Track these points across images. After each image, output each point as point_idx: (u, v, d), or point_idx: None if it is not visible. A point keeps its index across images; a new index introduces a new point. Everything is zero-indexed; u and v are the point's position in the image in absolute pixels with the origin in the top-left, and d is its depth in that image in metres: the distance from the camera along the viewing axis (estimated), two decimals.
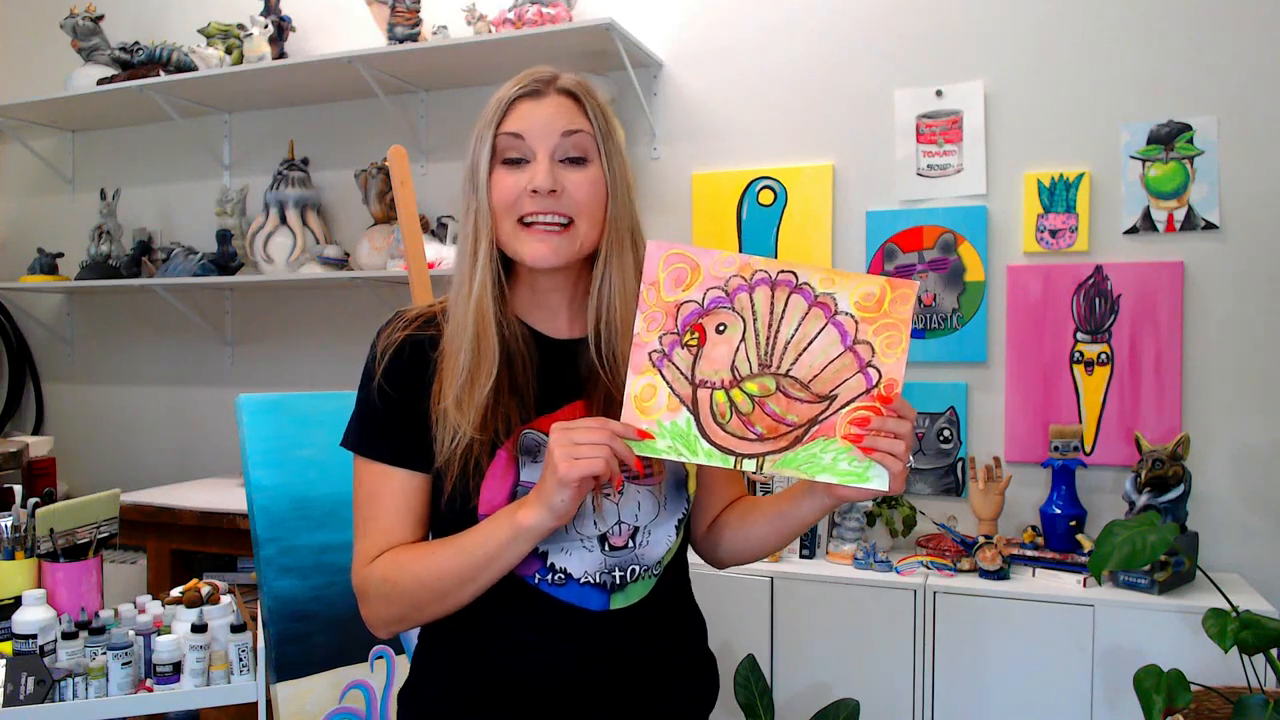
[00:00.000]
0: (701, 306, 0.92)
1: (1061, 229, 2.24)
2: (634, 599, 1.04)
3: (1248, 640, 1.44)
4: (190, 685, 1.54)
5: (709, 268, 0.92)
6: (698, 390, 0.93)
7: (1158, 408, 2.16)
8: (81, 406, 3.42)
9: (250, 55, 2.77)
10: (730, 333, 0.92)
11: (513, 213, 1.02)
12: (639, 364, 0.93)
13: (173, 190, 3.26)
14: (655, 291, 0.92)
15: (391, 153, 1.82)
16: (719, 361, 0.93)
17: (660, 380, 0.92)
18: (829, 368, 0.93)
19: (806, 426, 0.93)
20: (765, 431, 0.93)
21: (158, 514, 2.56)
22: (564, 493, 0.91)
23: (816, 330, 0.93)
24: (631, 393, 0.93)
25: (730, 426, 0.93)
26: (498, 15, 2.54)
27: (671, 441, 0.92)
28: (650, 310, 0.92)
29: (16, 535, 1.67)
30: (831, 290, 0.92)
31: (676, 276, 0.92)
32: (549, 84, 1.05)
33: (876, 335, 0.93)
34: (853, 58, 2.43)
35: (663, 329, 0.92)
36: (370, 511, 1.05)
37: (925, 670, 2.00)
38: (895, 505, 2.28)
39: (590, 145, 1.04)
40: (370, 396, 1.05)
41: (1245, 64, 2.12)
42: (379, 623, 1.05)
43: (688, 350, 0.92)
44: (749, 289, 0.92)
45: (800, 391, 0.93)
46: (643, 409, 0.92)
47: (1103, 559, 1.51)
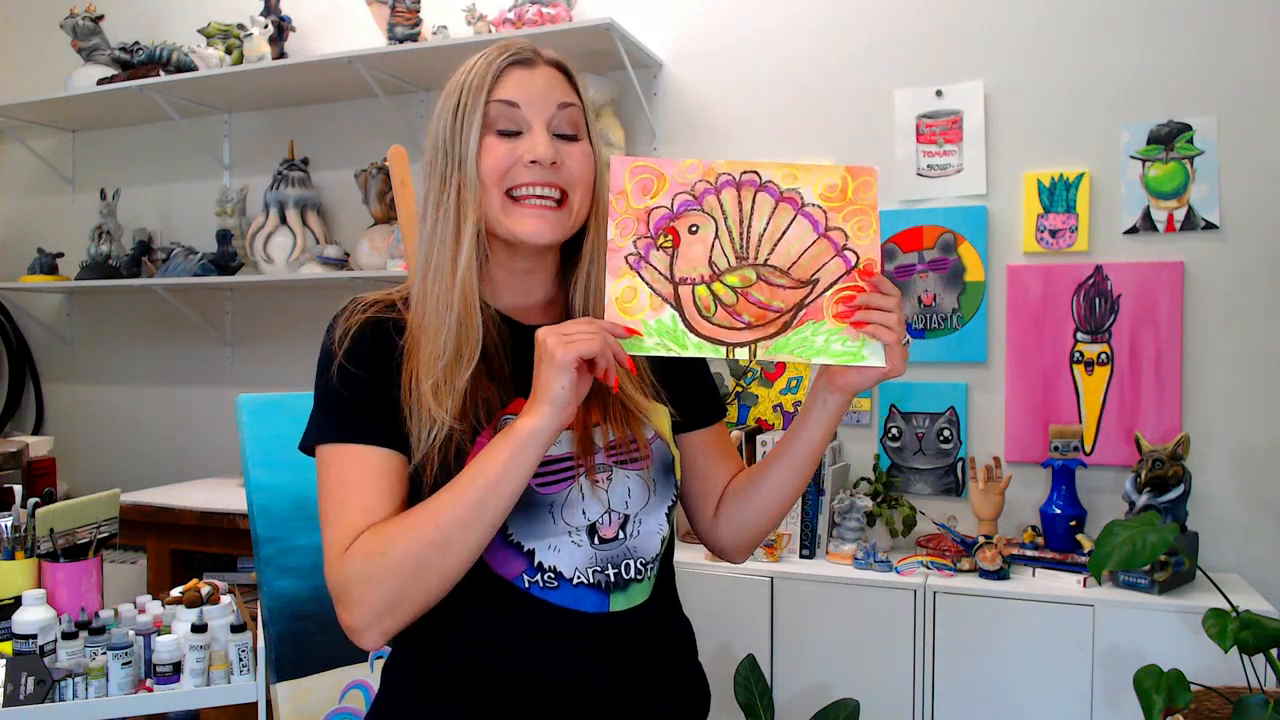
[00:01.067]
0: (671, 211, 0.93)
1: (1061, 229, 2.24)
2: (636, 600, 0.99)
3: (1248, 640, 1.44)
4: (190, 685, 1.54)
5: (674, 175, 0.93)
6: (678, 287, 0.93)
7: (1158, 408, 2.16)
8: (81, 406, 3.42)
9: (250, 55, 2.77)
10: (703, 232, 0.93)
11: (502, 184, 0.97)
12: (616, 268, 0.92)
13: (173, 190, 3.26)
14: (624, 200, 0.93)
15: (391, 153, 1.82)
16: (696, 259, 0.93)
17: (639, 281, 0.92)
18: (806, 254, 0.93)
19: (794, 311, 0.93)
20: (753, 319, 0.93)
21: (158, 514, 2.56)
22: (563, 377, 0.86)
23: (788, 222, 0.93)
24: (612, 296, 0.92)
25: (716, 319, 0.92)
26: (498, 15, 2.55)
27: (659, 338, 0.92)
28: (621, 217, 0.93)
29: (16, 535, 1.67)
30: (795, 185, 0.93)
31: (643, 186, 0.93)
32: (537, 54, 1.01)
33: (846, 221, 0.93)
34: (853, 58, 2.43)
35: (635, 234, 0.92)
36: (342, 496, 0.93)
37: (925, 670, 2.00)
38: (895, 505, 2.28)
39: (580, 120, 1.01)
40: (331, 383, 0.96)
41: (1245, 64, 2.12)
42: (365, 617, 0.89)
43: (663, 251, 0.93)
44: (715, 191, 0.93)
45: (781, 278, 0.93)
46: (625, 310, 0.92)
47: (1103, 559, 1.51)
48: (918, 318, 2.35)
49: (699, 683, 1.11)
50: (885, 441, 2.38)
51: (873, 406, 2.40)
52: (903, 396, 2.36)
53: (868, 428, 2.41)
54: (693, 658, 1.12)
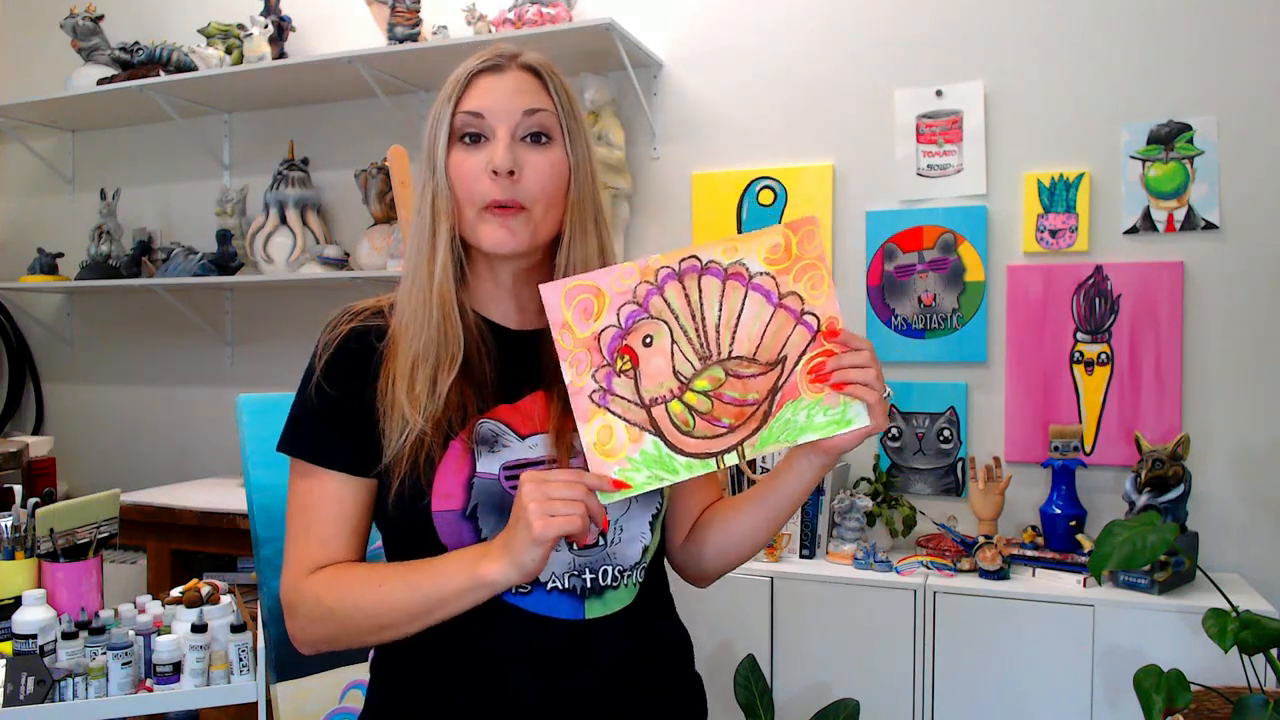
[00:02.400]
0: (621, 327, 0.89)
1: (1061, 229, 2.24)
2: (614, 608, 0.97)
3: (1248, 640, 1.44)
4: (190, 685, 1.54)
5: (610, 287, 0.89)
6: (651, 410, 0.89)
7: (1158, 408, 2.16)
8: (81, 406, 3.42)
9: (250, 55, 2.77)
10: (659, 341, 0.89)
11: (474, 199, 0.96)
12: (584, 410, 0.89)
13: (173, 190, 3.26)
14: (569, 333, 0.89)
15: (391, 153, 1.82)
16: (660, 373, 0.89)
17: (611, 417, 0.89)
18: (767, 332, 0.90)
19: (770, 398, 0.90)
20: (733, 420, 0.90)
21: (158, 514, 2.56)
22: (535, 551, 0.85)
23: (740, 301, 0.90)
24: (589, 442, 0.88)
25: (697, 431, 0.89)
26: (498, 15, 2.55)
27: (649, 470, 0.88)
28: (572, 353, 0.89)
29: (16, 535, 1.67)
30: (738, 258, 0.90)
31: (583, 308, 0.89)
32: (511, 59, 0.99)
33: (798, 282, 0.90)
34: (853, 58, 2.43)
35: (592, 366, 0.88)
36: (304, 520, 0.98)
37: (925, 670, 2.00)
38: (895, 505, 2.28)
39: (553, 124, 0.98)
40: (308, 395, 0.99)
41: (1245, 64, 2.12)
42: (305, 641, 0.98)
43: (625, 376, 0.89)
44: (659, 290, 0.89)
45: (750, 367, 0.90)
46: (605, 452, 0.88)
47: (1103, 559, 1.51)
48: (918, 318, 2.35)
49: (693, 694, 1.09)
50: (885, 441, 2.38)
51: None
52: (903, 396, 2.36)
53: None
54: (687, 668, 1.09)
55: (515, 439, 0.97)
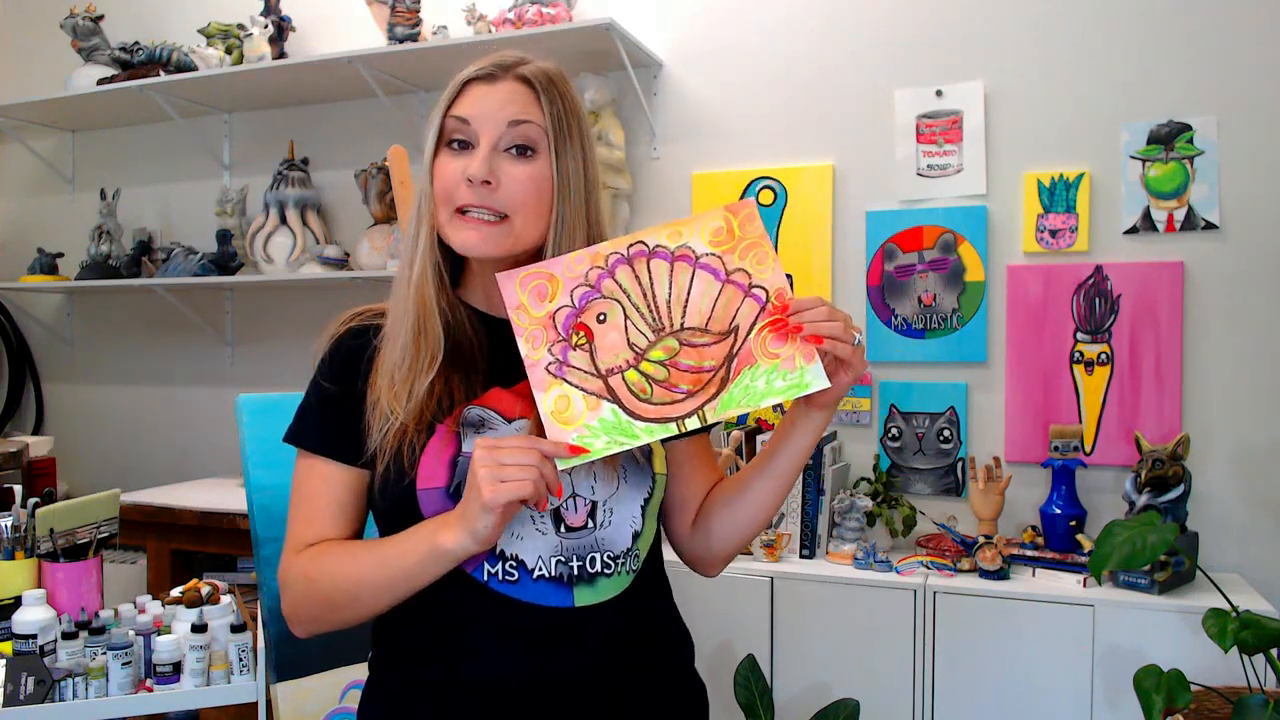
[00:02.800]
0: (574, 306, 0.92)
1: (1061, 229, 2.24)
2: (604, 596, 0.97)
3: (1248, 640, 1.44)
4: (190, 685, 1.54)
5: (563, 273, 0.93)
6: (608, 379, 0.91)
7: (1158, 408, 2.16)
8: (81, 406, 3.42)
9: (250, 55, 2.77)
10: (612, 318, 0.92)
11: (450, 201, 0.98)
12: (540, 381, 0.91)
13: (173, 190, 3.26)
14: (524, 313, 0.92)
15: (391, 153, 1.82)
16: (615, 346, 0.92)
17: (568, 386, 0.91)
18: (717, 305, 0.93)
19: (726, 364, 0.92)
20: (691, 386, 0.91)
21: (158, 514, 2.56)
22: (488, 518, 0.86)
23: (689, 279, 0.93)
24: (546, 410, 0.90)
25: (655, 398, 0.91)
26: (498, 15, 2.55)
27: (608, 436, 0.89)
28: (528, 330, 0.92)
29: (16, 535, 1.67)
30: (683, 241, 0.93)
31: (538, 292, 0.92)
32: (508, 69, 1.00)
33: (743, 259, 0.93)
34: (853, 58, 2.43)
35: (548, 341, 0.91)
36: (298, 501, 1.03)
37: (925, 670, 2.00)
38: (895, 505, 2.28)
39: (538, 137, 0.98)
40: (309, 391, 1.05)
41: (1245, 64, 2.12)
42: (295, 620, 1.02)
43: (580, 350, 0.91)
44: (609, 273, 0.93)
45: (703, 337, 0.92)
46: (563, 420, 0.90)
47: (1103, 559, 1.51)
48: (918, 318, 2.35)
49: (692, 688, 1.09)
50: (885, 441, 2.38)
51: (873, 406, 2.40)
52: (903, 396, 2.36)
53: (868, 428, 2.41)
54: (684, 652, 1.10)
55: (501, 422, 0.99)
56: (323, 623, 1.01)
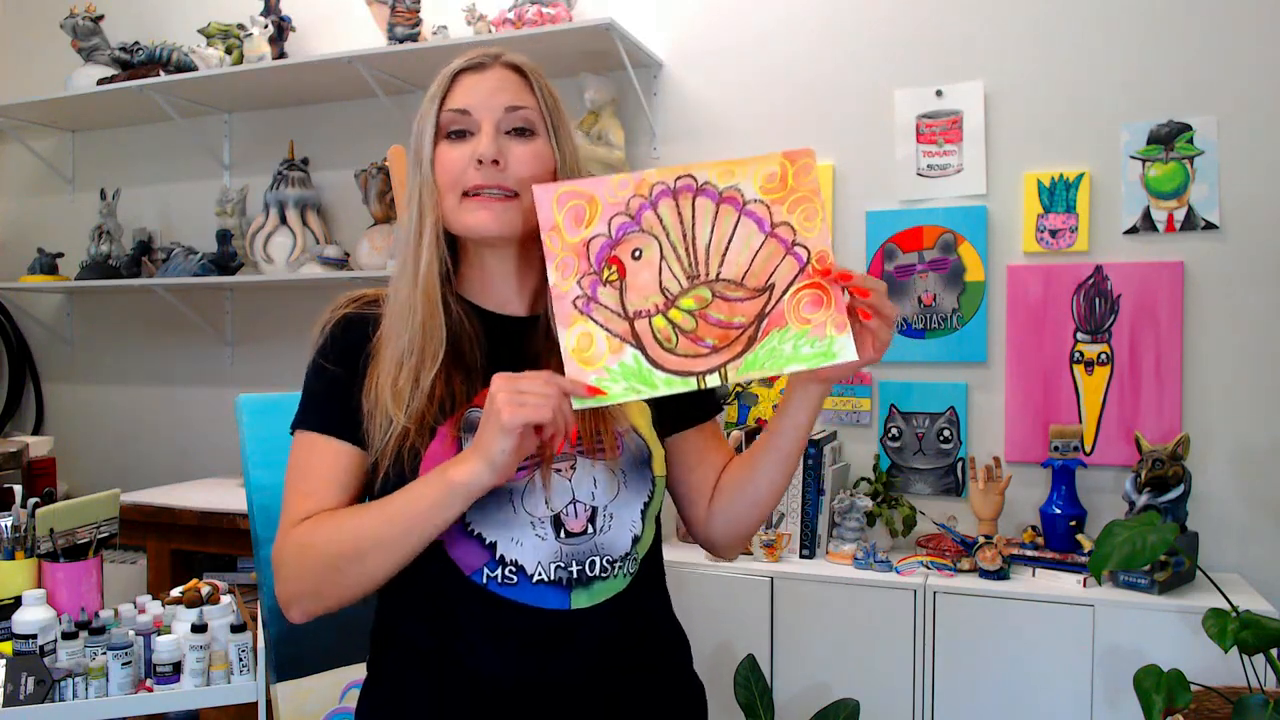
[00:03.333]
0: (611, 237, 0.88)
1: (1061, 229, 2.24)
2: (600, 598, 0.97)
3: (1248, 640, 1.44)
4: (190, 685, 1.54)
5: (604, 196, 0.88)
6: (635, 323, 0.88)
7: (1158, 408, 2.16)
8: (81, 406, 3.42)
9: (250, 55, 2.77)
10: (648, 255, 0.88)
11: (457, 186, 0.98)
12: (565, 315, 0.87)
13: (173, 190, 3.26)
14: (558, 236, 0.87)
15: (391, 153, 1.82)
16: (646, 287, 0.88)
17: (593, 325, 0.87)
18: (757, 259, 0.89)
19: (756, 323, 0.89)
20: (717, 342, 0.88)
21: (158, 514, 2.56)
22: (505, 441, 0.84)
23: (732, 226, 0.89)
24: (568, 347, 0.87)
25: (679, 349, 0.88)
26: (498, 15, 2.55)
27: (626, 382, 0.87)
28: (560, 256, 0.87)
29: (16, 535, 1.67)
30: (734, 182, 0.89)
31: (575, 214, 0.87)
32: (495, 58, 1.03)
33: (791, 213, 0.90)
34: (853, 58, 2.43)
35: (578, 272, 0.87)
36: (294, 479, 1.01)
37: (925, 670, 2.00)
38: (895, 505, 2.28)
39: (536, 120, 1.01)
40: (309, 375, 1.04)
41: (1245, 64, 2.12)
42: (292, 599, 0.97)
43: (610, 286, 0.87)
44: (652, 205, 0.88)
45: (737, 291, 0.89)
46: (584, 360, 0.87)
47: (1103, 559, 1.51)
48: (918, 318, 2.35)
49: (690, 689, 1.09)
50: (885, 441, 2.38)
51: (873, 406, 2.40)
52: (903, 396, 2.36)
53: (868, 428, 2.41)
54: (682, 663, 1.10)
55: None
56: (323, 596, 0.95)
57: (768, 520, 2.22)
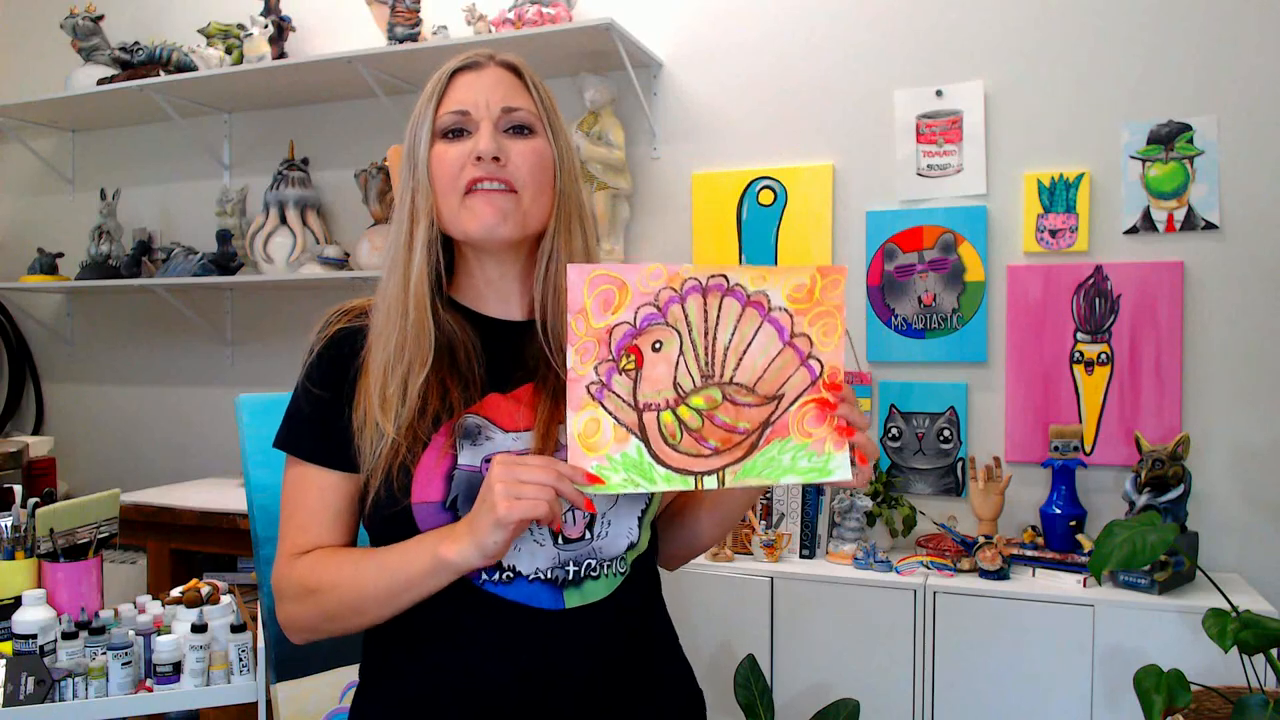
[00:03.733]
0: (635, 326, 0.88)
1: (1061, 229, 2.24)
2: (592, 598, 0.97)
3: (1248, 640, 1.44)
4: (190, 685, 1.54)
5: (636, 284, 0.88)
6: (643, 415, 0.89)
7: (1158, 408, 2.16)
8: (81, 406, 3.42)
9: (250, 55, 2.77)
10: (667, 349, 0.89)
11: (456, 185, 0.97)
12: (577, 400, 0.87)
13: (173, 190, 3.26)
14: (584, 320, 0.87)
15: (391, 153, 1.82)
16: (660, 381, 0.89)
17: (603, 412, 0.88)
18: (771, 367, 0.91)
19: (759, 431, 0.91)
20: (719, 444, 0.90)
21: (158, 514, 2.56)
22: (499, 534, 0.85)
23: (753, 331, 0.90)
24: (574, 431, 0.88)
25: (682, 446, 0.89)
26: (498, 15, 2.55)
27: (625, 474, 0.88)
28: (581, 341, 0.87)
29: (16, 535, 1.67)
30: (763, 288, 0.90)
31: (604, 299, 0.87)
32: (489, 58, 1.03)
33: (812, 325, 0.91)
34: (853, 58, 2.43)
35: (597, 358, 0.88)
36: (291, 510, 1.02)
37: (925, 670, 2.00)
38: (895, 505, 2.28)
39: (534, 119, 1.01)
40: (298, 394, 1.03)
41: (1245, 64, 2.12)
42: (294, 628, 1.00)
43: (625, 375, 0.88)
44: (680, 299, 0.89)
45: (747, 396, 0.90)
46: (589, 446, 0.88)
47: (1103, 559, 1.51)
48: (918, 318, 2.35)
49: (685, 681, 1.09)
50: (885, 441, 2.38)
51: (873, 407, 2.40)
52: (903, 396, 2.36)
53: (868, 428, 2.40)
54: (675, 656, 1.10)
55: (499, 432, 0.97)
56: (320, 632, 1.00)
57: (768, 520, 2.22)
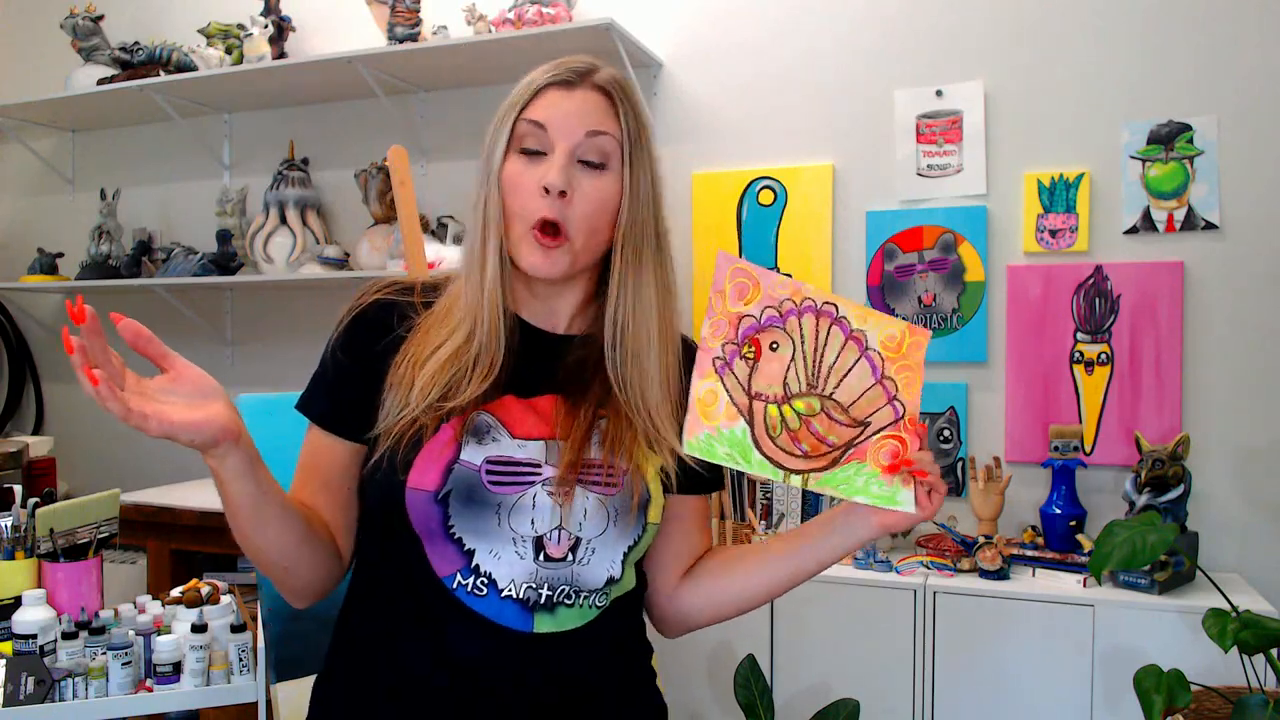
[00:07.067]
0: (759, 322, 0.97)
1: (1061, 229, 2.24)
2: (565, 626, 0.96)
3: (1248, 640, 1.44)
4: (190, 685, 1.54)
5: (767, 288, 0.97)
6: (753, 402, 0.97)
7: (1158, 408, 2.16)
8: (81, 406, 3.42)
9: (250, 55, 2.77)
10: (782, 351, 0.97)
11: (525, 217, 0.96)
12: (704, 368, 0.96)
13: (173, 190, 3.26)
14: (722, 301, 0.96)
15: (391, 153, 1.82)
16: (772, 376, 0.97)
17: (721, 387, 0.96)
18: (864, 396, 0.98)
19: (844, 449, 0.98)
20: (810, 449, 0.97)
21: (158, 514, 2.56)
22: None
23: (853, 361, 0.98)
24: (696, 396, 0.96)
25: (780, 441, 0.97)
26: (498, 15, 2.54)
27: (729, 449, 0.96)
28: (716, 317, 0.96)
29: (16, 535, 1.67)
30: (864, 327, 0.98)
31: (739, 290, 0.97)
32: (584, 76, 0.99)
33: (897, 374, 0.98)
34: (853, 58, 2.43)
35: (725, 337, 0.96)
36: (298, 466, 1.04)
37: (925, 670, 2.00)
38: None
39: (614, 150, 0.98)
40: (325, 357, 1.02)
41: (1245, 64, 2.12)
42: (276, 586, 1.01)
43: (745, 361, 0.97)
44: (798, 313, 0.97)
45: (841, 414, 0.98)
46: (705, 413, 0.96)
47: (1103, 559, 1.51)
48: (918, 318, 2.35)
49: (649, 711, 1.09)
50: None
51: None
52: None
53: None
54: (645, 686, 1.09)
55: (506, 436, 0.97)
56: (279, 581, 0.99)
57: (768, 520, 2.22)
